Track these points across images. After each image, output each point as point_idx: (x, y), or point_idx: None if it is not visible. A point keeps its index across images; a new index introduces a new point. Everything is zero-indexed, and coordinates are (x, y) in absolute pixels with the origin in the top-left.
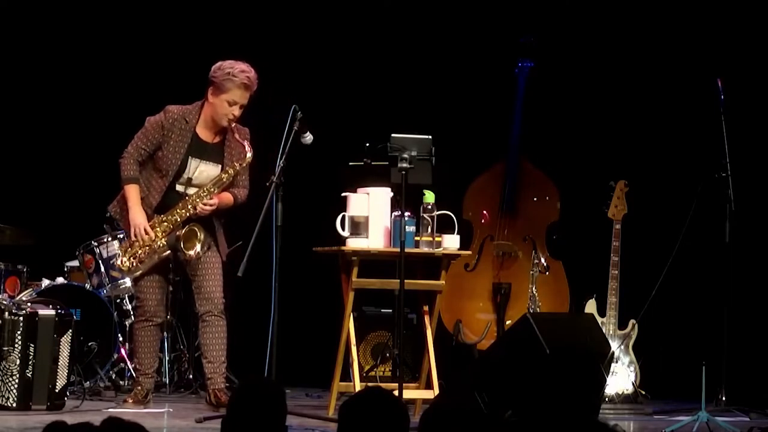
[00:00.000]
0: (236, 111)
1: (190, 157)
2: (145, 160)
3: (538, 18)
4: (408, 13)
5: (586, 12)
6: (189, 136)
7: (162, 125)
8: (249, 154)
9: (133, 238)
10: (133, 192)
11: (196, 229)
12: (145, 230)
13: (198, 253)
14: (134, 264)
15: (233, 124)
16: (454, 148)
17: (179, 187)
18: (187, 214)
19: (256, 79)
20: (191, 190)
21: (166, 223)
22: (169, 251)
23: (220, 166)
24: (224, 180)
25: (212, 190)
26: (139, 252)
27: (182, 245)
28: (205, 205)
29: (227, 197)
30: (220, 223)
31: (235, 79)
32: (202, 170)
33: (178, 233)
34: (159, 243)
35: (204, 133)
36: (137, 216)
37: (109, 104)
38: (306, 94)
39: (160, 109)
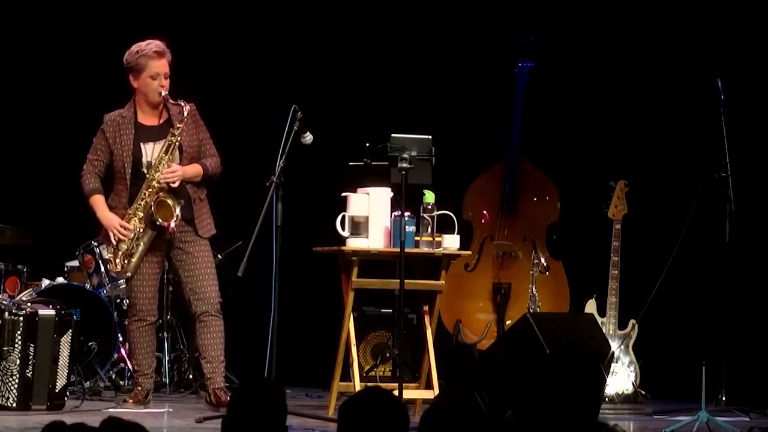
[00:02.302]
0: (163, 81)
1: (141, 143)
2: (104, 173)
3: (538, 18)
4: (408, 13)
5: (586, 12)
6: (131, 126)
7: (103, 131)
8: (186, 109)
9: (114, 241)
10: (98, 201)
11: (164, 198)
12: (121, 226)
13: (178, 218)
14: (125, 261)
15: (164, 94)
16: (454, 148)
17: (145, 173)
18: (154, 192)
19: (165, 44)
20: None
21: (139, 210)
22: (151, 231)
23: None
24: (173, 142)
25: (166, 157)
26: (125, 248)
27: (158, 219)
28: (166, 175)
29: (195, 167)
30: (200, 198)
31: (145, 51)
32: (159, 150)
33: (151, 210)
34: (139, 228)
35: (146, 119)
36: (109, 219)
37: (109, 104)
38: (306, 94)
39: None
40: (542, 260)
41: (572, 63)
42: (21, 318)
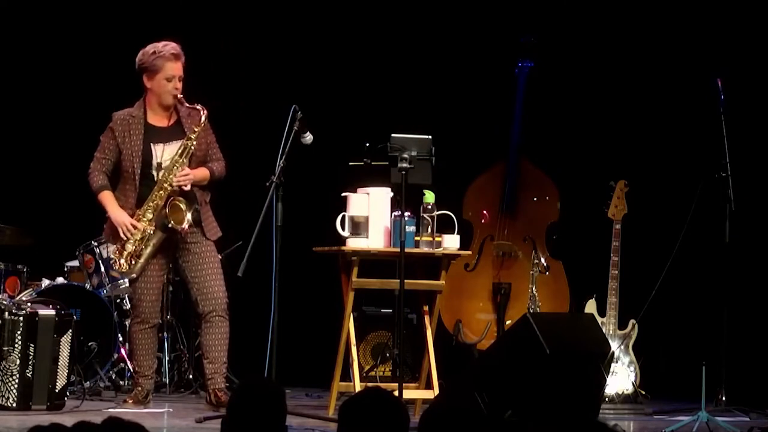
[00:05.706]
0: (177, 84)
1: (151, 144)
2: (111, 171)
3: (538, 18)
4: (408, 13)
5: (586, 12)
6: (141, 127)
7: (112, 129)
8: (204, 113)
9: (123, 238)
10: (108, 197)
11: (177, 202)
12: (132, 225)
13: (189, 221)
14: (132, 262)
15: (179, 96)
16: (454, 148)
17: (154, 175)
18: (166, 194)
19: (180, 47)
20: None
21: (149, 211)
22: (161, 234)
23: None
24: (189, 146)
25: (180, 160)
26: (131, 248)
27: (170, 222)
28: (180, 179)
29: (203, 171)
30: (205, 201)
31: (162, 53)
32: (169, 152)
33: (163, 212)
34: (149, 231)
35: (156, 119)
36: (119, 216)
37: (109, 104)
38: (306, 94)
39: None
40: (542, 260)
41: (572, 63)
42: (21, 318)
